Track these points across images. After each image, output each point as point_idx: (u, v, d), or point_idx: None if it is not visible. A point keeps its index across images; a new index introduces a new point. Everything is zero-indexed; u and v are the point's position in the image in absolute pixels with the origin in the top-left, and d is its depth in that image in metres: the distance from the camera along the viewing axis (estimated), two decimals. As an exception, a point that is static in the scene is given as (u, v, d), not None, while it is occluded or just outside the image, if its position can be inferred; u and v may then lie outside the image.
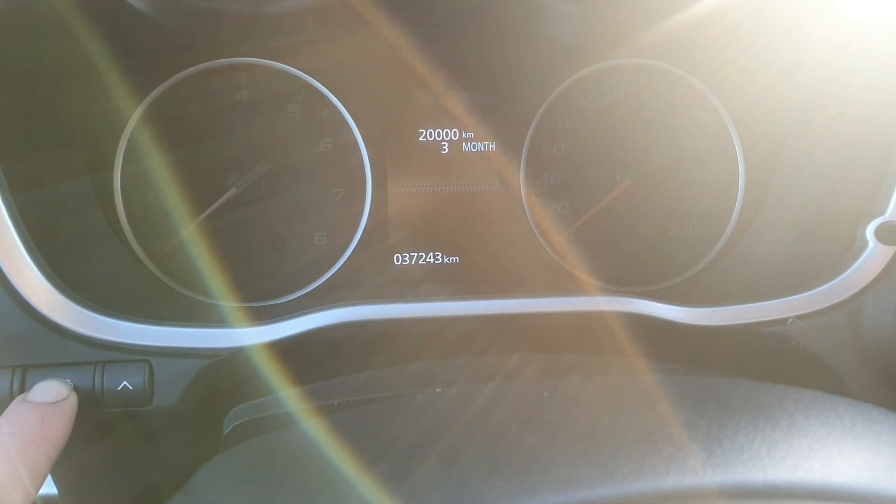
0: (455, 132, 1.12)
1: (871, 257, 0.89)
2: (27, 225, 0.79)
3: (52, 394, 0.75)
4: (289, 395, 0.85)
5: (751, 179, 1.15)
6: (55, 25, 0.88)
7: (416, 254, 1.13)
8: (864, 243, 0.89)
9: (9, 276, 0.78)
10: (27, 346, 0.79)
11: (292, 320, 0.86)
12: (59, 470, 0.75)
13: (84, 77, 0.98)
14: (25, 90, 0.87)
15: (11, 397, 0.76)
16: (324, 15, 1.01)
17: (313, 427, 0.62)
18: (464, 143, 1.13)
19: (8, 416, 0.71)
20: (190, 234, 1.06)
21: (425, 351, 0.89)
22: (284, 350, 0.85)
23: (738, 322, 0.90)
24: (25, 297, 0.79)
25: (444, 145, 1.12)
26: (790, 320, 0.89)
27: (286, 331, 0.85)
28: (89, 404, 0.79)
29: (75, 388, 0.78)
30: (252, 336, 0.84)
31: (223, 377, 0.84)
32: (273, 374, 0.84)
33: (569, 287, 1.14)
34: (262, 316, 0.89)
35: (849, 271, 0.89)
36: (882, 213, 0.89)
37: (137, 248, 1.06)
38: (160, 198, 1.06)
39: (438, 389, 0.66)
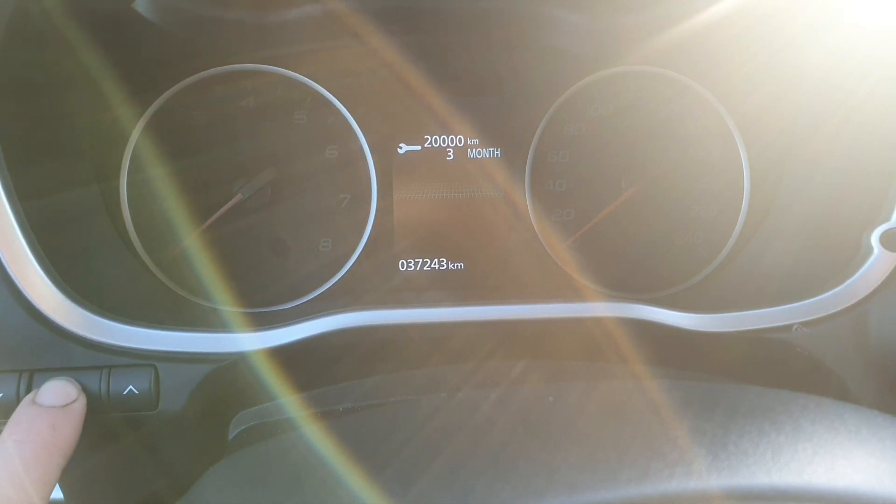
0: (460, 139, 1.13)
1: (876, 264, 0.88)
2: (35, 232, 0.80)
3: (62, 396, 0.75)
4: (294, 401, 0.85)
5: (756, 187, 1.15)
6: (61, 35, 0.88)
7: (421, 260, 1.14)
8: (870, 250, 0.89)
9: (17, 282, 0.79)
10: (34, 351, 0.79)
11: (298, 325, 0.86)
12: (66, 476, 0.74)
13: (90, 86, 0.98)
14: (32, 100, 0.88)
15: (18, 401, 0.76)
16: (328, 23, 1.01)
17: (318, 432, 0.62)
18: (469, 150, 1.13)
19: (18, 423, 0.70)
20: (196, 241, 1.07)
21: (430, 357, 0.89)
22: (290, 355, 0.85)
23: (742, 328, 0.90)
24: (33, 302, 0.79)
25: (450, 152, 1.13)
26: (795, 327, 0.89)
27: (292, 336, 0.85)
28: (95, 409, 0.79)
29: None
30: (257, 341, 0.85)
31: (229, 382, 0.84)
32: (278, 380, 0.84)
33: (574, 294, 1.14)
34: (268, 321, 0.89)
35: (854, 278, 0.89)
36: (887, 219, 0.88)
37: (144, 255, 1.07)
38: (166, 205, 1.07)
39: (443, 395, 0.66)
